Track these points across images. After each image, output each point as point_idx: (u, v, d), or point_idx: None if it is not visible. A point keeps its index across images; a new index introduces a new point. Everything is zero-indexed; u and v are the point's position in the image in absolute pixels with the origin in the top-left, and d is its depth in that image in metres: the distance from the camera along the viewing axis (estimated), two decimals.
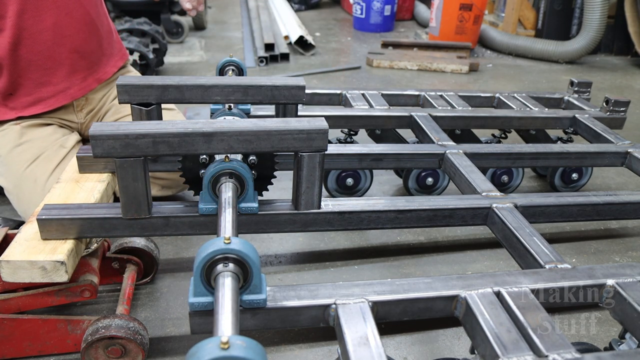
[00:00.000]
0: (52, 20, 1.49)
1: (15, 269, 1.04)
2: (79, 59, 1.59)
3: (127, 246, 1.41)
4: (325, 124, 1.10)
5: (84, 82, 1.61)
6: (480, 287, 0.98)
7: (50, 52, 1.51)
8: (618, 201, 1.43)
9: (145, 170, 1.07)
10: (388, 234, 1.78)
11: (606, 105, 2.06)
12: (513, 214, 1.29)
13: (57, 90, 1.56)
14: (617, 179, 2.25)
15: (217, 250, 0.83)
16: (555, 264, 1.10)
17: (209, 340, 0.64)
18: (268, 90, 1.34)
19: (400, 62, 3.83)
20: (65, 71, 1.56)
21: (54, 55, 1.52)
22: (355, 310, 0.90)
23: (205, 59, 3.83)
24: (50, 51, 1.51)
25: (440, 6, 4.18)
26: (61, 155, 1.48)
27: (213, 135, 1.04)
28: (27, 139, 1.49)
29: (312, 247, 1.71)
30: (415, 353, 1.30)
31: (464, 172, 1.49)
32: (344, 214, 1.26)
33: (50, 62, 1.52)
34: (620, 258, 1.71)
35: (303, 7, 5.80)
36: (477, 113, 1.96)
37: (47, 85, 1.53)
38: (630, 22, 4.02)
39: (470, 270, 1.62)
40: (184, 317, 1.37)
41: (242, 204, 1.15)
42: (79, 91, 1.61)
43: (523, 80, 3.67)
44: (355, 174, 1.88)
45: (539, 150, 1.70)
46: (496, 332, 0.87)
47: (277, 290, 0.95)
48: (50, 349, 1.20)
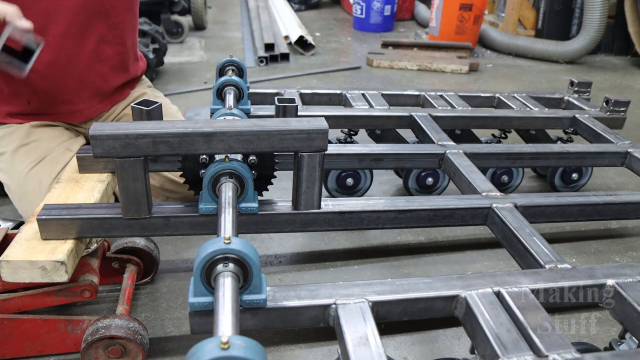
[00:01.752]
0: (91, 47, 1.49)
1: (15, 269, 1.04)
2: (104, 84, 1.60)
3: (127, 246, 1.41)
4: (325, 124, 1.10)
5: (100, 104, 1.61)
6: (480, 287, 0.98)
7: (82, 75, 1.51)
8: (618, 201, 1.43)
9: (145, 170, 1.07)
10: (388, 234, 1.78)
11: (606, 105, 2.06)
12: (513, 214, 1.29)
13: (74, 109, 1.55)
14: (617, 179, 2.25)
15: (217, 250, 0.83)
16: (555, 264, 1.10)
17: (209, 340, 0.64)
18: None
19: (400, 62, 3.83)
20: (88, 94, 1.56)
21: (83, 79, 1.52)
22: (355, 310, 0.90)
23: (205, 59, 3.83)
24: (82, 75, 1.51)
25: (440, 6, 4.18)
26: (67, 159, 1.47)
27: (213, 135, 1.03)
28: (34, 139, 1.48)
29: (312, 247, 1.71)
30: (415, 353, 1.30)
31: (464, 172, 1.49)
32: (344, 214, 1.26)
33: (79, 84, 1.52)
34: (620, 258, 1.71)
35: (303, 7, 5.80)
36: (477, 113, 1.96)
37: (67, 104, 1.53)
38: (630, 22, 4.02)
39: (470, 270, 1.62)
40: (184, 317, 1.37)
41: (242, 204, 1.15)
42: (94, 112, 1.61)
43: (523, 80, 3.67)
44: (355, 174, 1.88)
45: (539, 150, 1.70)
46: (496, 332, 0.87)
47: (277, 290, 0.95)
48: (50, 349, 1.20)
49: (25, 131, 1.49)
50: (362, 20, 5.00)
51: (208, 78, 3.37)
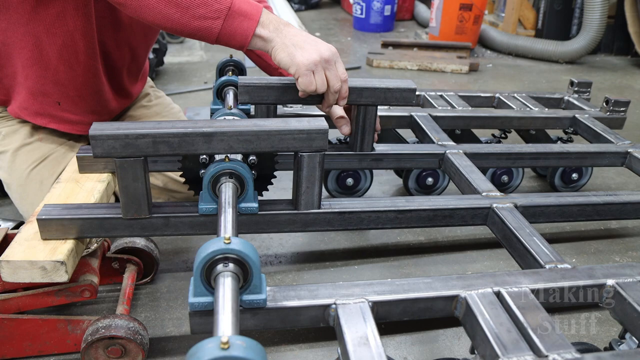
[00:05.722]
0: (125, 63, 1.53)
1: (15, 269, 1.04)
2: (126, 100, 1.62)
3: (127, 246, 1.41)
4: (325, 124, 1.10)
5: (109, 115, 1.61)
6: (480, 287, 0.98)
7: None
8: (618, 201, 1.43)
9: (145, 170, 1.07)
10: (388, 234, 1.78)
11: (606, 105, 2.06)
12: (513, 214, 1.29)
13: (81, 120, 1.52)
14: (617, 179, 2.25)
15: (217, 250, 0.83)
16: (555, 264, 1.10)
17: (209, 340, 0.64)
18: (381, 92, 1.39)
19: (400, 62, 3.83)
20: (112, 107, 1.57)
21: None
22: (355, 310, 0.90)
23: (205, 58, 3.83)
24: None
25: (440, 6, 4.18)
26: (69, 159, 1.47)
27: (213, 135, 1.04)
28: (37, 138, 1.48)
29: (312, 247, 1.71)
30: (415, 353, 1.30)
31: (464, 172, 1.49)
32: (344, 214, 1.26)
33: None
34: (620, 258, 1.71)
35: (303, 7, 5.80)
36: (477, 113, 1.96)
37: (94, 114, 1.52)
38: (630, 22, 4.02)
39: (470, 270, 1.62)
40: (184, 317, 1.37)
41: (242, 204, 1.15)
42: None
43: (523, 80, 3.67)
44: (355, 174, 1.88)
45: (539, 150, 1.70)
46: (496, 332, 0.87)
47: (277, 290, 0.95)
48: (50, 349, 1.20)
49: (29, 130, 1.49)
50: (362, 20, 4.99)
51: (208, 78, 3.37)
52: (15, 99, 1.43)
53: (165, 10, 1.11)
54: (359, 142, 1.50)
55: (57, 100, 1.42)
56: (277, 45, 1.18)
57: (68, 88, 1.41)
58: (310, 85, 1.19)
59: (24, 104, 1.43)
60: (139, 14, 1.14)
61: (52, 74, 1.36)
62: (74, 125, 1.49)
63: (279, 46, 1.17)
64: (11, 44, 1.31)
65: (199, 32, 1.15)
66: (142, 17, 1.14)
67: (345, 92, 1.27)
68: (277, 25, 1.18)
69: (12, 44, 1.31)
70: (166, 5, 1.11)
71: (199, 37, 1.16)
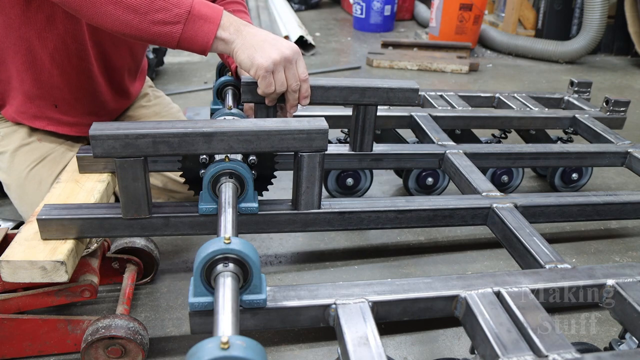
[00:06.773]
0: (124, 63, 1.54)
1: (15, 269, 1.04)
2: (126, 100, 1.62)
3: (127, 246, 1.41)
4: (325, 124, 1.10)
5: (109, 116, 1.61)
6: (480, 287, 0.98)
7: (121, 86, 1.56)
8: (618, 201, 1.43)
9: (145, 170, 1.07)
10: (388, 234, 1.78)
11: (606, 105, 2.06)
12: (513, 214, 1.29)
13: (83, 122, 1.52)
14: (617, 179, 2.25)
15: (217, 250, 0.83)
16: (555, 264, 1.10)
17: (209, 340, 0.64)
18: (384, 92, 1.40)
19: (400, 62, 3.83)
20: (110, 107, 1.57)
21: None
22: (355, 310, 0.90)
23: (205, 59, 3.82)
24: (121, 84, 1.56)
25: (440, 6, 4.18)
26: (68, 158, 1.47)
27: (213, 135, 1.04)
28: (36, 138, 1.48)
29: (312, 247, 1.71)
30: (415, 353, 1.30)
31: (464, 172, 1.49)
32: (344, 214, 1.26)
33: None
34: (620, 258, 1.71)
35: (303, 7, 5.80)
36: (477, 113, 1.96)
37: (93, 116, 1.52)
38: (630, 22, 4.02)
39: (470, 270, 1.62)
40: (184, 317, 1.37)
41: (242, 204, 1.15)
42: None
43: (523, 80, 3.67)
44: (355, 174, 1.88)
45: (539, 150, 1.70)
46: (496, 332, 0.87)
47: (277, 290, 0.95)
48: (50, 349, 1.20)
49: (27, 131, 1.49)
50: (362, 20, 5.00)
51: (208, 78, 3.37)
52: (11, 104, 1.44)
53: (122, 16, 1.08)
54: (359, 142, 1.51)
55: (54, 103, 1.42)
56: (237, 47, 1.16)
57: (63, 91, 1.41)
58: (270, 86, 1.18)
59: (20, 108, 1.43)
60: (96, 22, 1.11)
61: (47, 78, 1.37)
62: (72, 127, 1.49)
63: (239, 48, 1.15)
64: (5, 49, 1.32)
65: (159, 38, 1.12)
66: (99, 24, 1.11)
67: (305, 92, 1.25)
68: (237, 26, 1.16)
69: (6, 50, 1.32)
70: (124, 11, 1.07)
71: (160, 42, 1.13)
